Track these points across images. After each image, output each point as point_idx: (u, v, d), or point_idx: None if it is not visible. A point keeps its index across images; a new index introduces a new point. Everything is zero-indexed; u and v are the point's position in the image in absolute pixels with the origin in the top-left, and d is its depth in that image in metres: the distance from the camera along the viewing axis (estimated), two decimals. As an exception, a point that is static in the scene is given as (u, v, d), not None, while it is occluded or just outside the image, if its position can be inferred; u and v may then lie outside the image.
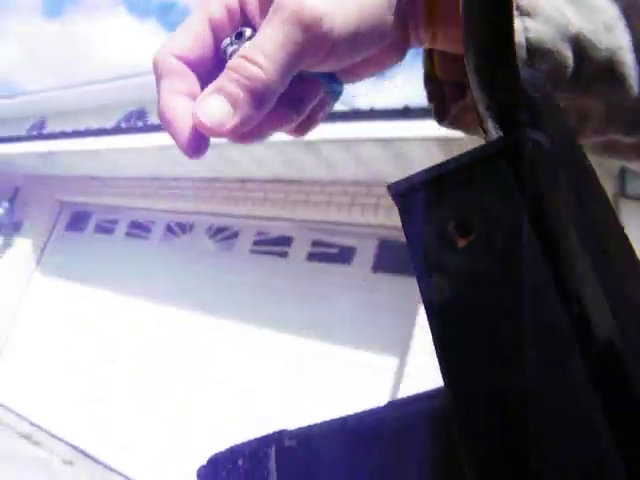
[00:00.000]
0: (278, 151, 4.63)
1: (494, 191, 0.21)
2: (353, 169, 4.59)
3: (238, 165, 5.22)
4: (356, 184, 4.79)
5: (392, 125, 3.86)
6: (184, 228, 6.56)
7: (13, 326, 7.54)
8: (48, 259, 7.81)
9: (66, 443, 5.87)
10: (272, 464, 0.28)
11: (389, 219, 4.61)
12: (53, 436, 6.06)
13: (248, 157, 4.99)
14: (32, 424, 6.34)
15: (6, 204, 8.13)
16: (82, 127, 7.02)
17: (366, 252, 4.98)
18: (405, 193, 0.24)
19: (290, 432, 0.28)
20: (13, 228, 8.11)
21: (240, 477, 0.29)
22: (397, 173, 4.26)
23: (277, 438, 0.28)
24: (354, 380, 4.44)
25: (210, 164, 5.37)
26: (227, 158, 5.06)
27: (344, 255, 5.09)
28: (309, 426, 0.28)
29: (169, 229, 6.72)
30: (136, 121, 11.36)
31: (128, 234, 7.18)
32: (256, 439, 0.29)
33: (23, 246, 7.91)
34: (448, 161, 0.23)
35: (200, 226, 6.35)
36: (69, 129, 6.99)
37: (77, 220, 7.93)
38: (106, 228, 7.51)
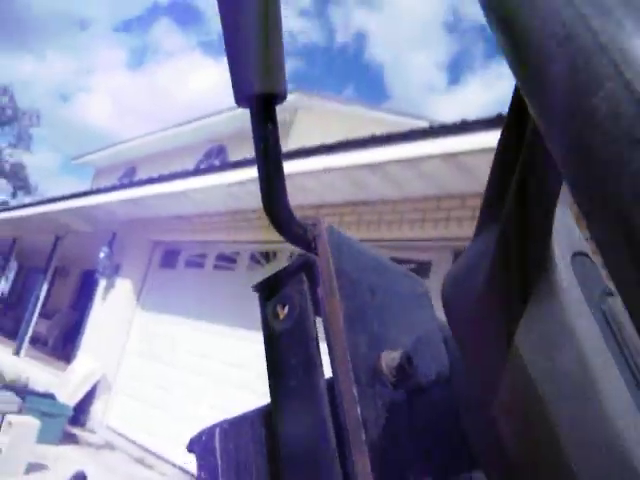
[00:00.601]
0: (347, 175, 4.85)
1: (296, 288, 0.43)
2: (420, 185, 4.73)
3: (311, 192, 5.48)
4: (425, 200, 4.92)
5: (452, 140, 3.99)
6: (267, 257, 6.87)
7: (122, 360, 8.09)
8: (146, 295, 8.34)
9: (174, 465, 6.25)
10: (216, 442, 0.48)
11: (461, 230, 4.70)
12: (163, 459, 6.46)
13: (320, 184, 5.24)
14: (144, 449, 6.79)
15: (106, 249, 8.76)
16: (167, 170, 7.51)
17: (442, 265, 5.08)
18: (259, 289, 0.46)
19: (230, 419, 0.49)
20: (114, 270, 8.74)
21: (201, 449, 0.49)
22: (463, 185, 4.38)
23: (220, 424, 0.49)
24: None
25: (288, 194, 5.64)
26: (300, 187, 5.33)
27: (422, 270, 5.21)
28: (242, 414, 0.49)
29: (253, 258, 7.06)
30: (216, 157, 11.96)
31: (216, 266, 7.59)
32: (212, 424, 0.50)
33: (124, 286, 8.51)
34: (277, 272, 0.45)
35: (282, 253, 6.65)
36: (156, 174, 7.50)
37: (169, 257, 8.46)
38: (195, 263, 7.97)
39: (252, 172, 5.46)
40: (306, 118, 11.53)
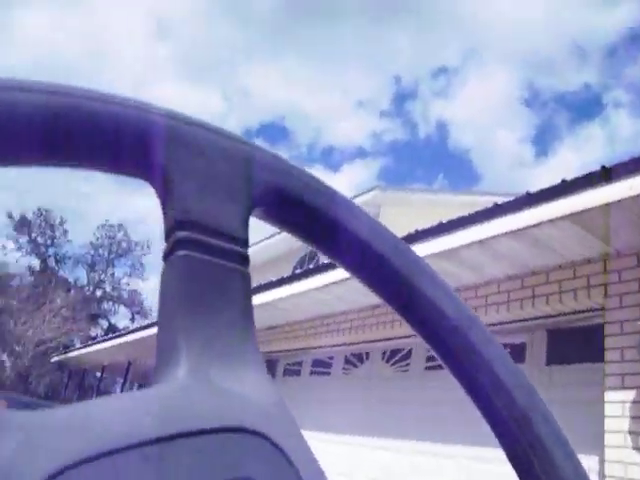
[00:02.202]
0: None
1: None
2: (497, 266, 4.56)
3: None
4: (508, 279, 4.72)
5: (520, 215, 3.85)
6: (360, 358, 6.76)
7: None
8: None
9: None
10: None
11: (552, 308, 4.44)
12: None
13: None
14: None
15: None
16: (263, 281, 7.70)
17: (537, 346, 4.78)
18: None
19: None
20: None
21: None
22: (540, 259, 4.17)
23: None
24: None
25: (368, 294, 5.61)
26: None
27: (516, 353, 4.92)
28: None
29: (347, 361, 6.96)
30: (309, 263, 12.15)
31: (312, 372, 7.53)
32: None
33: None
34: None
35: (374, 353, 6.52)
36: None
37: (268, 369, 8.48)
38: (293, 371, 7.96)
39: (336, 275, 5.50)
40: (391, 213, 11.61)
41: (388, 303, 0.39)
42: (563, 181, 3.64)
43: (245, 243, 0.31)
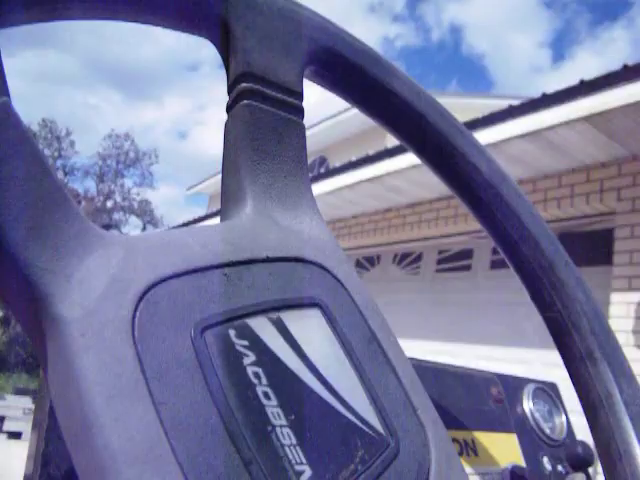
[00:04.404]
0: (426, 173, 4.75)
1: None
2: (510, 169, 4.54)
3: (405, 192, 5.42)
4: (520, 183, 4.71)
5: (535, 117, 3.80)
6: (371, 261, 6.87)
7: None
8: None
9: None
10: None
11: (563, 212, 4.47)
12: None
13: (410, 183, 5.17)
14: None
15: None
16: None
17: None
18: None
19: None
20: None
21: None
22: (554, 162, 4.15)
23: None
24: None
25: (381, 197, 5.66)
26: (392, 187, 5.30)
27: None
28: None
29: (359, 264, 7.09)
30: (318, 169, 12.12)
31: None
32: None
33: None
34: None
35: (386, 255, 6.62)
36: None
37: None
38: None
39: (347, 179, 5.51)
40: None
41: (427, 160, 0.42)
42: (581, 81, 3.56)
43: (300, 96, 0.34)
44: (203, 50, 52.61)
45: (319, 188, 6.05)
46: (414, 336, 5.67)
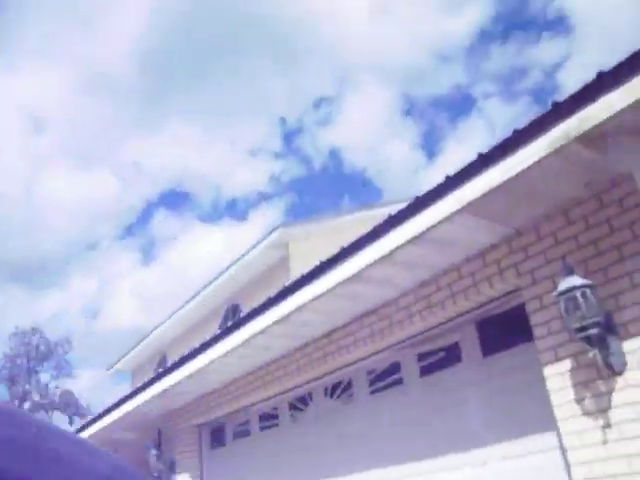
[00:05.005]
0: (338, 294, 4.64)
1: None
2: (409, 275, 4.51)
3: (315, 324, 5.26)
4: (423, 285, 4.67)
5: (415, 220, 3.80)
6: (304, 400, 6.53)
7: None
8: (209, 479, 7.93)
9: None
10: None
11: (471, 302, 4.42)
12: None
13: (318, 314, 5.02)
14: None
15: (154, 450, 8.42)
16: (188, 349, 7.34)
17: (469, 341, 4.74)
18: None
19: None
20: (170, 469, 8.34)
21: None
22: (447, 257, 4.13)
23: None
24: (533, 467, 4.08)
25: (293, 334, 5.47)
26: (302, 322, 5.13)
27: (452, 354, 4.87)
28: None
29: (292, 407, 6.72)
30: (232, 318, 11.83)
31: (262, 428, 7.22)
32: None
33: (185, 481, 8.08)
34: None
35: (316, 392, 6.31)
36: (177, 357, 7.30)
37: (216, 436, 8.11)
38: (242, 432, 7.61)
39: (254, 327, 5.29)
40: (301, 247, 11.52)
41: None
42: (447, 176, 3.62)
43: None
44: (98, 227, 52.45)
45: (231, 341, 5.78)
46: (371, 467, 5.31)
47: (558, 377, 3.73)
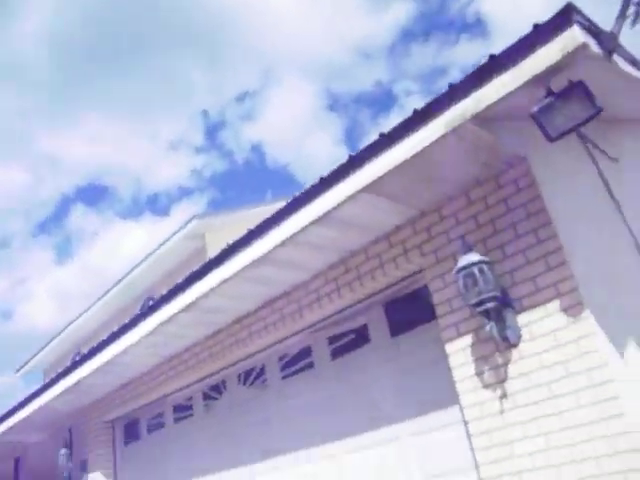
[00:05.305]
0: (248, 278, 4.60)
1: None
2: (318, 256, 4.52)
3: (225, 310, 5.21)
4: (332, 267, 4.70)
5: (320, 201, 3.81)
6: (218, 389, 6.46)
7: None
8: (123, 476, 7.71)
9: None
10: None
11: (379, 283, 4.48)
12: None
13: (228, 299, 4.97)
14: None
15: (64, 450, 8.13)
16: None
17: (377, 322, 4.81)
18: None
19: None
20: (81, 469, 8.07)
21: None
22: (355, 239, 4.15)
23: None
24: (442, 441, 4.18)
25: (203, 321, 5.39)
26: (210, 308, 5.06)
27: (360, 335, 4.92)
28: None
29: (206, 396, 6.63)
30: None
31: (176, 419, 7.09)
32: None
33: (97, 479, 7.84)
34: None
35: (230, 380, 6.25)
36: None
37: (130, 431, 7.90)
38: (156, 424, 7.45)
39: (162, 315, 5.17)
40: (218, 238, 11.37)
41: None
42: (350, 156, 3.64)
43: None
44: (11, 225, 49.77)
45: (139, 331, 5.63)
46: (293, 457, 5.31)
47: (460, 353, 3.84)
